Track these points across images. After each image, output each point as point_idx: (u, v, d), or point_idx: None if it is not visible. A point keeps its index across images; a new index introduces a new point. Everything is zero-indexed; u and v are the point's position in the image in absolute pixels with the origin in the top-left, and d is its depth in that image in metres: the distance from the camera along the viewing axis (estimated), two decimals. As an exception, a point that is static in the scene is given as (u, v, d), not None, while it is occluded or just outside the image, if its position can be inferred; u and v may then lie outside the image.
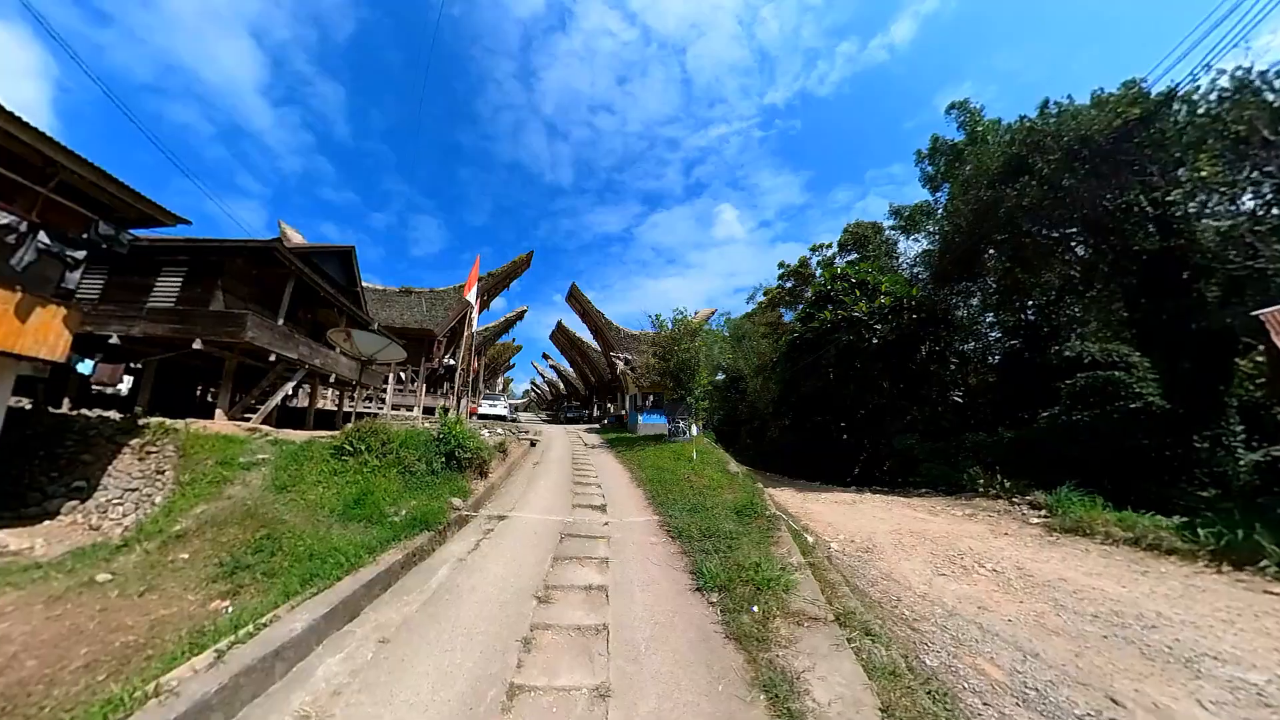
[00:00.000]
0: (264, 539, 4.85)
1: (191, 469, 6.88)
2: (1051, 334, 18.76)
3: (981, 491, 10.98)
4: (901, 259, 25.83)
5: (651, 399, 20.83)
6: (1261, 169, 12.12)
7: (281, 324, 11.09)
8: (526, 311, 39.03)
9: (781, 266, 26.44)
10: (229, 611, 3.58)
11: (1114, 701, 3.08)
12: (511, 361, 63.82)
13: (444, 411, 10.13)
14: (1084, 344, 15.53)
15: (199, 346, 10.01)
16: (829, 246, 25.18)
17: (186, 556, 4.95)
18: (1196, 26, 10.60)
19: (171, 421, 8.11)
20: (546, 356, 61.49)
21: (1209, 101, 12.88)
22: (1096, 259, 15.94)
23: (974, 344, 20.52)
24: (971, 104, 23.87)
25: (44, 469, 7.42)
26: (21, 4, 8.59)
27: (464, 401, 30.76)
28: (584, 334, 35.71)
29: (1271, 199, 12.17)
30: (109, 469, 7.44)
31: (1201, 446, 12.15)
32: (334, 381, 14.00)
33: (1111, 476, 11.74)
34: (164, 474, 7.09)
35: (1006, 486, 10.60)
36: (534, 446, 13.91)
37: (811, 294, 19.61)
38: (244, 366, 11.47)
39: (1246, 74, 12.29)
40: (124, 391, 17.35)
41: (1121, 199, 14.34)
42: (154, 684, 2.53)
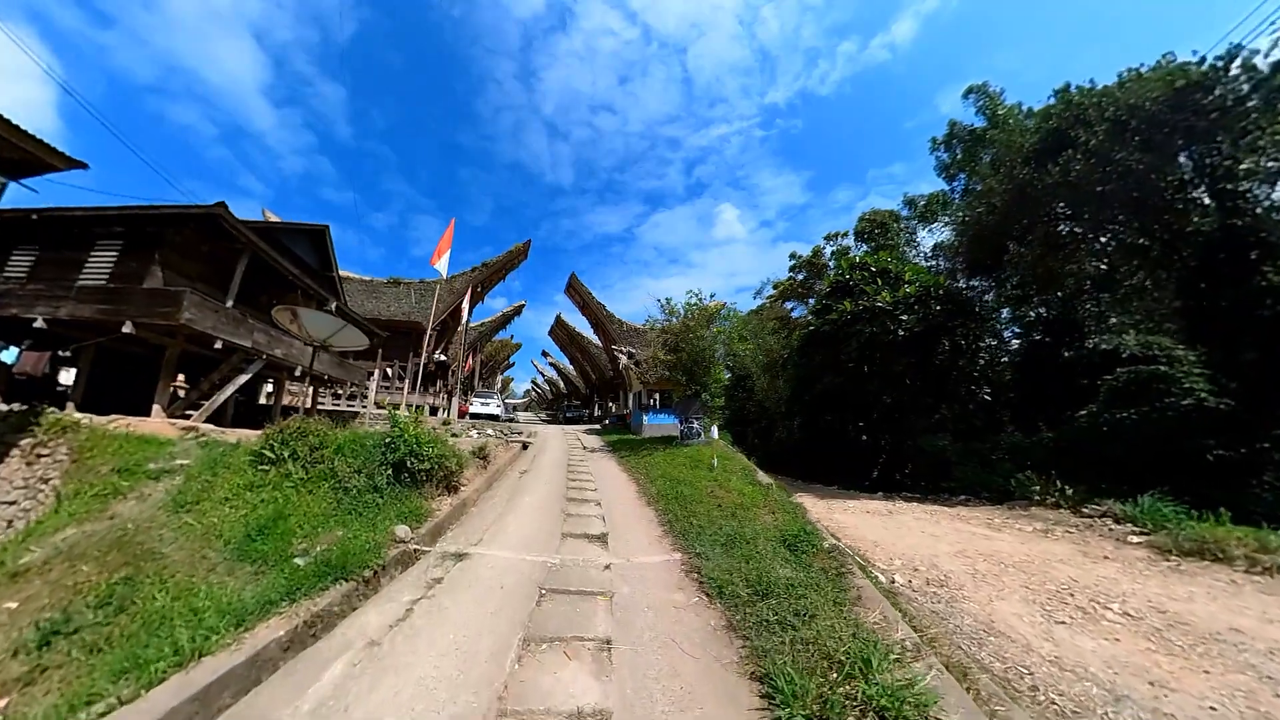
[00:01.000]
0: (120, 584, 3.40)
1: (80, 478, 5.42)
2: (1073, 327, 17.50)
3: (1037, 500, 9.57)
4: (917, 251, 24.51)
5: (658, 397, 19.38)
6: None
7: (231, 307, 9.62)
8: (525, 306, 37.67)
9: (793, 257, 24.99)
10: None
11: None
12: (511, 360, 62.30)
13: (393, 409, 8.36)
14: (1120, 337, 14.27)
15: (129, 330, 8.54)
16: (844, 235, 23.77)
17: (14, 606, 3.50)
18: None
19: (74, 417, 6.64)
20: (546, 354, 60.03)
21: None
22: (1143, 243, 14.58)
23: (988, 340, 19.23)
24: (991, 88, 22.63)
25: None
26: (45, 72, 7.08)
27: (455, 400, 29.23)
28: (584, 328, 34.26)
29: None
30: (-12, 476, 5.97)
31: (1271, 448, 10.81)
32: (300, 375, 12.52)
33: (1163, 481, 10.42)
34: (49, 483, 5.63)
35: (1068, 494, 9.19)
36: (525, 450, 12.45)
37: (826, 285, 18.19)
38: (191, 356, 10.01)
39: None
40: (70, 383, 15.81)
41: (1176, 174, 13.01)
42: None
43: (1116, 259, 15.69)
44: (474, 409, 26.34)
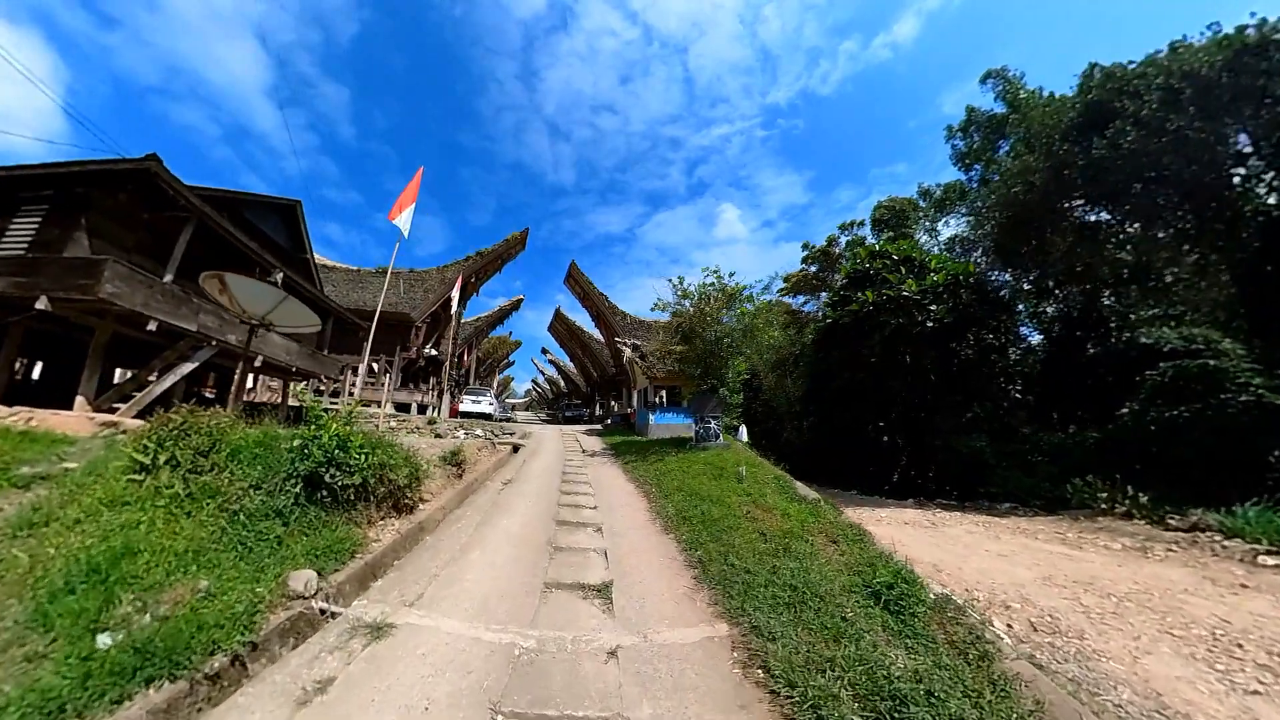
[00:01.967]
0: None
1: (-89, 484, 4.09)
2: (1099, 323, 16.32)
3: (1103, 509, 8.29)
4: (935, 242, 23.29)
5: (665, 394, 17.84)
6: None
7: (169, 282, 8.30)
8: (523, 300, 36.44)
9: (806, 247, 23.64)
10: None
11: None
12: (511, 360, 60.93)
13: (315, 401, 6.56)
14: (1162, 330, 13.05)
15: (44, 306, 7.23)
16: (860, 224, 22.48)
17: None
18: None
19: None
20: (545, 351, 58.63)
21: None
22: (1189, 229, 13.34)
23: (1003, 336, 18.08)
24: (1010, 72, 21.44)
25: None
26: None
27: (445, 398, 27.84)
28: (586, 323, 32.91)
29: None
30: None
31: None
32: (261, 365, 11.16)
33: (1230, 484, 9.18)
34: (-121, 490, 4.31)
35: (1141, 502, 7.91)
36: (515, 454, 11.12)
37: (842, 276, 16.91)
38: (127, 340, 8.70)
39: None
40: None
41: (1234, 145, 11.79)
42: None
43: (1151, 248, 14.44)
44: (464, 407, 24.62)
